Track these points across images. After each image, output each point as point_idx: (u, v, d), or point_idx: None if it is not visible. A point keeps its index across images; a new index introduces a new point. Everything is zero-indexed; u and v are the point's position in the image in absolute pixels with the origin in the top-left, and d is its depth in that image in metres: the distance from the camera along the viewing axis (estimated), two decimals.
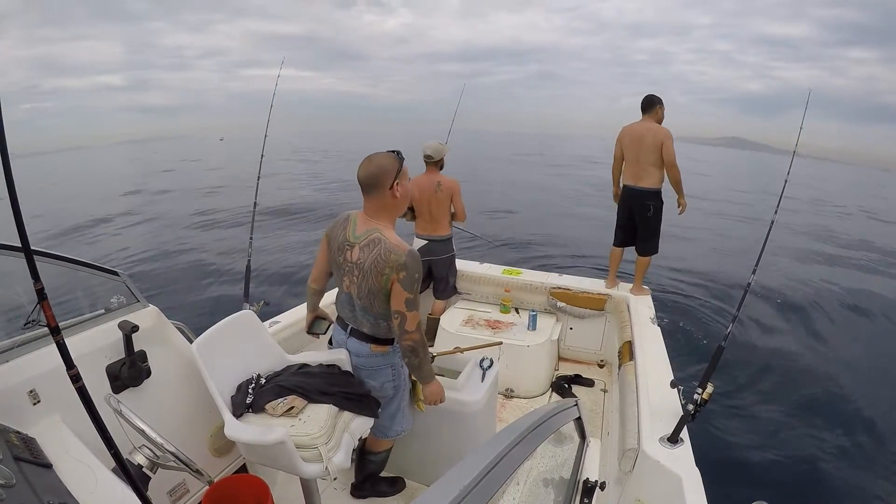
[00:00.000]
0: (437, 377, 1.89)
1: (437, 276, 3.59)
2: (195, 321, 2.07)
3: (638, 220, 3.40)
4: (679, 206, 3.37)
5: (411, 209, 3.47)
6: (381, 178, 1.63)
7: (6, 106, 0.67)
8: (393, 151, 1.68)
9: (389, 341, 1.86)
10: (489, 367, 2.25)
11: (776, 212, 2.25)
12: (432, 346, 3.42)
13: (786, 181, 2.37)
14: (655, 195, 3.31)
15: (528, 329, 3.30)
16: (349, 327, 1.87)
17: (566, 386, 3.26)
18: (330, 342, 2.04)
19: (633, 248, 3.55)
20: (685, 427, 1.78)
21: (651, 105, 3.27)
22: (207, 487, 1.62)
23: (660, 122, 3.25)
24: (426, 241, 3.48)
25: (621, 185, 3.50)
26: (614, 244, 3.62)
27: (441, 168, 3.38)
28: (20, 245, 0.78)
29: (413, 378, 1.98)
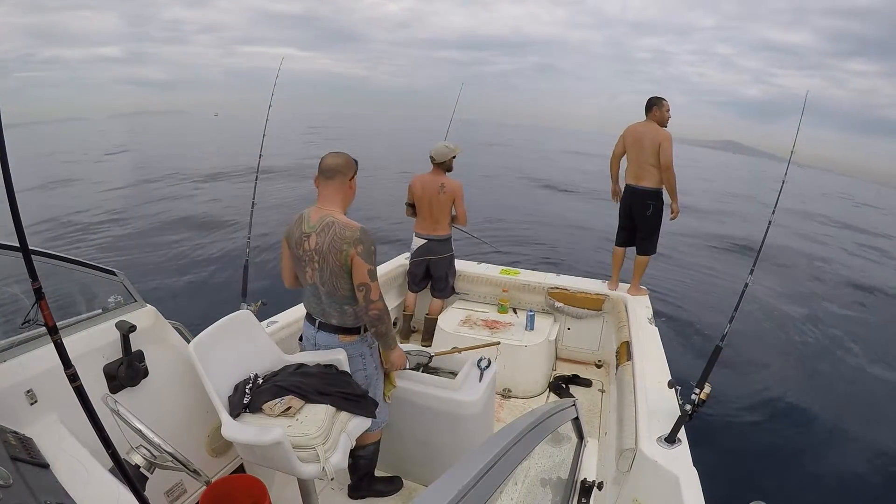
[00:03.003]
0: (441, 377, 1.90)
1: (435, 276, 3.58)
2: (193, 321, 2.06)
3: (637, 218, 3.42)
4: (672, 212, 3.36)
5: (412, 206, 3.47)
6: (345, 168, 1.82)
7: (1, 73, 0.62)
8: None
9: (357, 330, 1.91)
10: (487, 367, 2.25)
11: (773, 213, 2.26)
12: (430, 345, 3.42)
13: (783, 182, 2.38)
14: (655, 195, 3.33)
15: (526, 329, 3.30)
16: (317, 321, 1.93)
17: (564, 386, 3.27)
18: (301, 339, 2.08)
19: (634, 248, 3.56)
20: (683, 427, 1.78)
21: (650, 106, 3.32)
22: (205, 488, 1.62)
23: (662, 123, 3.28)
24: (425, 241, 3.47)
25: (623, 184, 3.50)
26: (616, 244, 3.64)
27: (449, 170, 3.37)
28: (18, 244, 0.78)
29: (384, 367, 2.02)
